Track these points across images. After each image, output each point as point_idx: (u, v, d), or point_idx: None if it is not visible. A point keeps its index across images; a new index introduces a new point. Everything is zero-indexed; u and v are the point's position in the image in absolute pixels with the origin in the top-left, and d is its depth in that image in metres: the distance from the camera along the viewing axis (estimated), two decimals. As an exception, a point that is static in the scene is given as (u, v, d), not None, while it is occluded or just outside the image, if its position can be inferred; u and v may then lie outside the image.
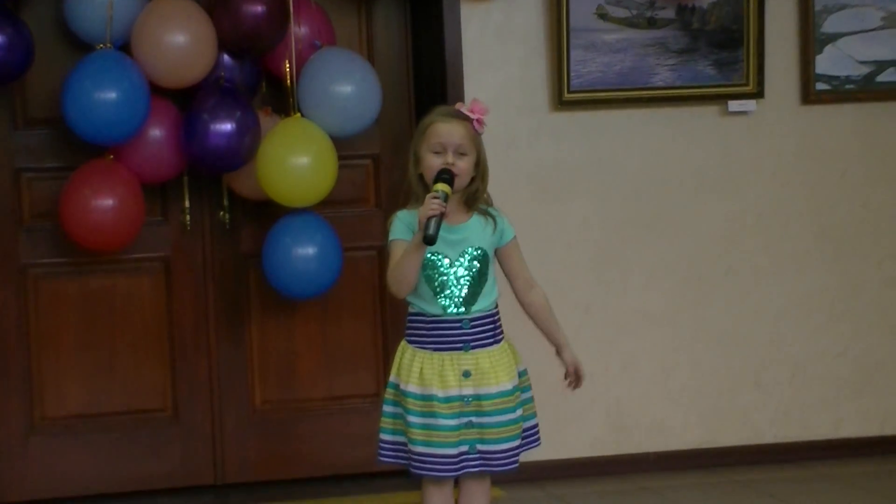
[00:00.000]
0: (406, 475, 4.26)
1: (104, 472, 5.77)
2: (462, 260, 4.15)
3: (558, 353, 4.31)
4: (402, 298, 4.19)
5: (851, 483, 5.72)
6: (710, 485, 5.77)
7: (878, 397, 6.14)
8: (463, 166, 4.11)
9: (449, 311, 4.14)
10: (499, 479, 4.97)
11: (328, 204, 5.65)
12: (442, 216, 3.99)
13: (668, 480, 5.82)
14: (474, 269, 4.15)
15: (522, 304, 4.28)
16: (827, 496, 5.55)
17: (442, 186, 4.03)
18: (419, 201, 4.14)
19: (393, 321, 5.86)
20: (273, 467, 5.91)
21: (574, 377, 4.31)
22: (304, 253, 5.48)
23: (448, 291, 4.14)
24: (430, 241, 3.99)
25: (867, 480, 5.75)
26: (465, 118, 4.14)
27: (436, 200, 3.99)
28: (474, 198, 4.18)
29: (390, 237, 4.16)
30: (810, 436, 6.09)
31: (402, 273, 4.09)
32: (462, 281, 4.15)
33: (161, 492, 5.82)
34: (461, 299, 4.14)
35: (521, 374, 4.25)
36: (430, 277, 4.14)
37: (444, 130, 4.12)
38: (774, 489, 5.64)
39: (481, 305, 4.16)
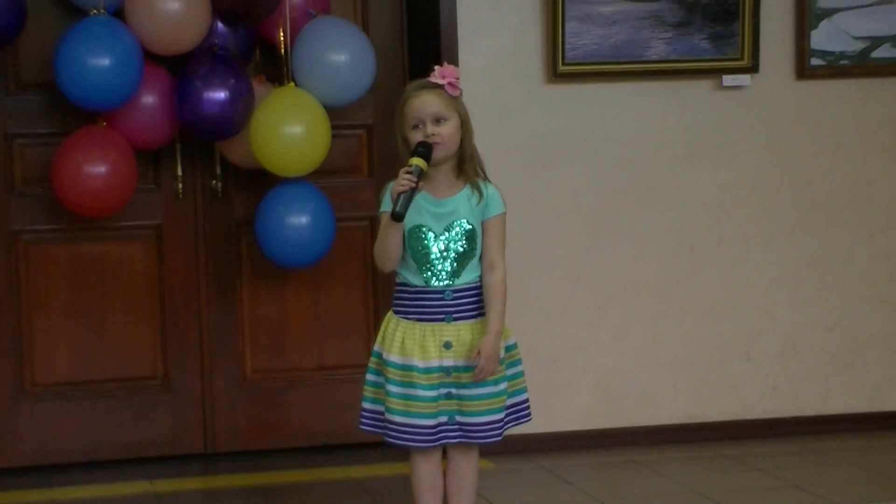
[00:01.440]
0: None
1: (94, 438, 5.77)
2: (448, 234, 4.13)
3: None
4: (386, 272, 4.19)
5: (839, 458, 5.72)
6: (699, 458, 5.78)
7: (866, 372, 6.14)
8: (445, 132, 4.08)
9: (432, 283, 4.13)
10: (488, 451, 4.98)
11: (321, 173, 5.63)
12: (413, 191, 3.97)
13: (658, 453, 5.82)
14: (460, 244, 4.13)
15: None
16: (815, 471, 5.55)
17: (417, 161, 4.01)
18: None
19: (384, 291, 5.85)
20: (263, 436, 5.91)
21: (478, 364, 4.06)
22: (297, 222, 5.47)
23: (432, 264, 4.13)
24: (397, 217, 3.96)
25: (855, 455, 5.75)
26: (437, 86, 4.12)
27: (407, 175, 3.97)
28: (464, 160, 4.15)
29: (380, 209, 4.14)
30: (799, 410, 6.09)
31: (382, 248, 4.10)
32: (447, 254, 4.13)
33: (150, 459, 5.82)
34: (446, 273, 4.13)
35: (510, 347, 4.22)
36: (415, 249, 4.13)
37: (418, 104, 4.10)
38: (762, 463, 5.64)
39: (466, 278, 4.15)
